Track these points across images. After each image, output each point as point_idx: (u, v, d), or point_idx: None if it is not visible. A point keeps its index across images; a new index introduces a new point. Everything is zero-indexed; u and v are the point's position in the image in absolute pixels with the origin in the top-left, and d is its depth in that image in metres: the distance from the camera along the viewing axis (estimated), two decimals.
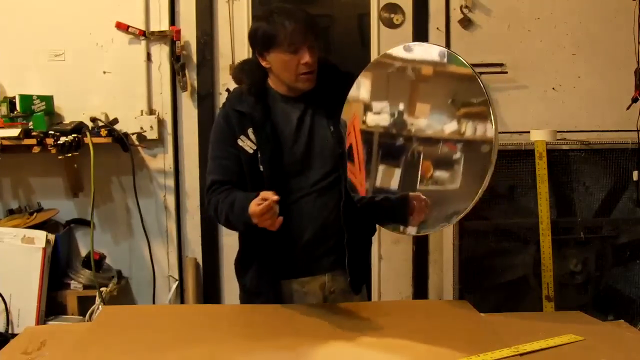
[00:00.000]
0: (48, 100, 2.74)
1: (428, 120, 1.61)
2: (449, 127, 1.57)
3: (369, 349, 1.45)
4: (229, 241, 2.95)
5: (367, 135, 1.72)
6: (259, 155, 1.71)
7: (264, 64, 1.72)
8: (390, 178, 1.69)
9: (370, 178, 1.72)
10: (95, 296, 2.60)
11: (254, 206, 1.54)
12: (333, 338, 1.51)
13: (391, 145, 1.68)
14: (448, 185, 1.58)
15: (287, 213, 1.70)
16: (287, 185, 1.72)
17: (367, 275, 1.96)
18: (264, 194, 1.55)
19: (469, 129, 1.54)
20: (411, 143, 1.64)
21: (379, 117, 1.71)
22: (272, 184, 1.69)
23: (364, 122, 1.74)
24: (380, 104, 1.71)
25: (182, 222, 2.95)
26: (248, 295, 1.85)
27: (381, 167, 1.71)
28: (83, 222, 2.85)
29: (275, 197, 1.52)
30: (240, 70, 1.84)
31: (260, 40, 1.69)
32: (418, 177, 1.62)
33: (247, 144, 1.72)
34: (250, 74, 1.78)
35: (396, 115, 1.67)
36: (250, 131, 1.71)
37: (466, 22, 2.86)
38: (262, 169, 1.70)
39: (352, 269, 1.79)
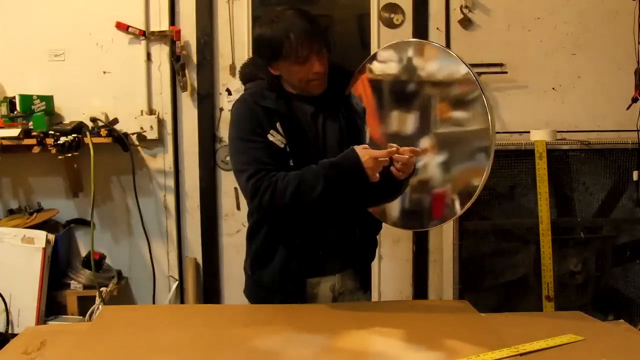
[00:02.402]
0: (48, 100, 2.74)
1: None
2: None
3: (369, 349, 1.45)
4: (229, 241, 2.95)
5: (375, 83, 1.75)
6: (288, 150, 1.68)
7: (272, 71, 1.70)
8: (404, 123, 1.70)
9: (384, 124, 1.74)
10: (95, 296, 2.60)
11: (368, 150, 1.58)
12: (333, 338, 1.51)
13: (402, 91, 1.70)
14: (466, 125, 1.60)
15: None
16: None
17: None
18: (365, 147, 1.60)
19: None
20: (423, 87, 1.67)
21: (386, 66, 1.73)
22: None
23: (370, 71, 1.75)
24: (386, 53, 1.75)
25: (182, 222, 2.95)
26: (266, 292, 1.80)
27: (394, 113, 1.72)
28: (83, 222, 2.85)
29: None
30: (253, 67, 1.81)
31: (265, 51, 1.66)
32: (433, 119, 1.65)
33: (277, 138, 1.67)
34: (265, 69, 1.76)
35: (405, 62, 1.70)
36: (278, 125, 1.68)
37: (466, 22, 2.86)
38: (292, 163, 1.67)
39: (362, 267, 1.81)
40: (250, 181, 1.63)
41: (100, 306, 2.56)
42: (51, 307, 2.58)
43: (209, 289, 2.96)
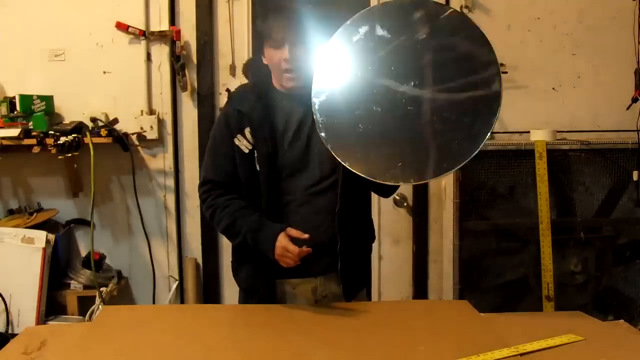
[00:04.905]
0: (48, 100, 2.74)
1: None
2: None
3: (369, 349, 1.45)
4: (229, 241, 2.95)
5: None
6: (256, 155, 1.71)
7: (264, 60, 1.74)
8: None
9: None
10: (95, 296, 2.60)
11: (286, 241, 1.62)
12: (334, 338, 1.51)
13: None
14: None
15: (281, 214, 1.71)
16: (283, 186, 1.73)
17: (365, 281, 1.95)
18: (293, 232, 1.62)
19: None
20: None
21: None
22: (268, 184, 1.70)
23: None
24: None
25: (182, 222, 2.95)
26: (244, 294, 1.86)
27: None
28: (83, 222, 2.85)
29: (309, 250, 1.61)
30: (247, 68, 1.86)
31: (257, 37, 1.72)
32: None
33: (243, 143, 1.72)
34: (255, 71, 1.80)
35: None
36: (247, 130, 1.72)
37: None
38: (258, 168, 1.71)
39: (345, 275, 1.78)
40: (200, 188, 1.83)
41: (100, 306, 2.56)
42: (51, 307, 2.58)
43: (209, 289, 2.96)
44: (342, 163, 1.61)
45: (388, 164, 1.60)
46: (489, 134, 1.58)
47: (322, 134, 1.62)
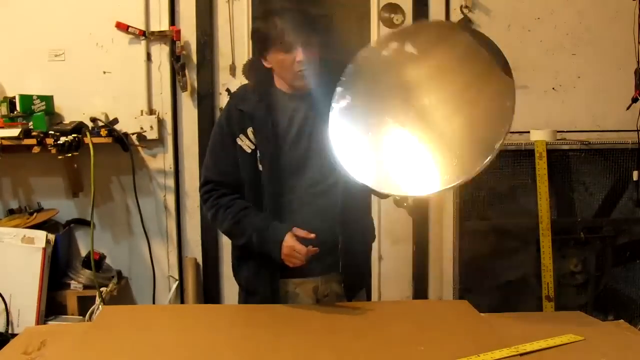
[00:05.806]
0: (48, 100, 2.74)
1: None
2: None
3: (369, 349, 1.45)
4: (229, 241, 2.94)
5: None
6: (258, 155, 1.71)
7: (265, 64, 1.73)
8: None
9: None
10: (95, 296, 2.60)
11: (293, 241, 1.63)
12: (334, 338, 1.51)
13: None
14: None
15: (283, 214, 1.71)
16: (285, 185, 1.73)
17: (365, 280, 1.95)
18: (300, 232, 1.63)
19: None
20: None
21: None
22: (270, 183, 1.70)
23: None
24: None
25: (182, 222, 2.95)
26: (245, 294, 1.85)
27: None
28: (83, 222, 2.85)
29: (315, 250, 1.62)
30: (248, 68, 1.85)
31: (258, 41, 1.71)
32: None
33: (245, 143, 1.72)
34: (257, 72, 1.78)
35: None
36: (250, 130, 1.72)
37: (466, 22, 2.86)
38: (261, 168, 1.71)
39: (346, 275, 1.78)
40: (202, 188, 1.81)
41: (100, 306, 2.56)
42: (51, 307, 2.58)
43: (209, 289, 2.96)
44: (342, 167, 1.60)
45: (389, 174, 1.59)
46: (493, 155, 1.55)
47: (330, 136, 1.62)
